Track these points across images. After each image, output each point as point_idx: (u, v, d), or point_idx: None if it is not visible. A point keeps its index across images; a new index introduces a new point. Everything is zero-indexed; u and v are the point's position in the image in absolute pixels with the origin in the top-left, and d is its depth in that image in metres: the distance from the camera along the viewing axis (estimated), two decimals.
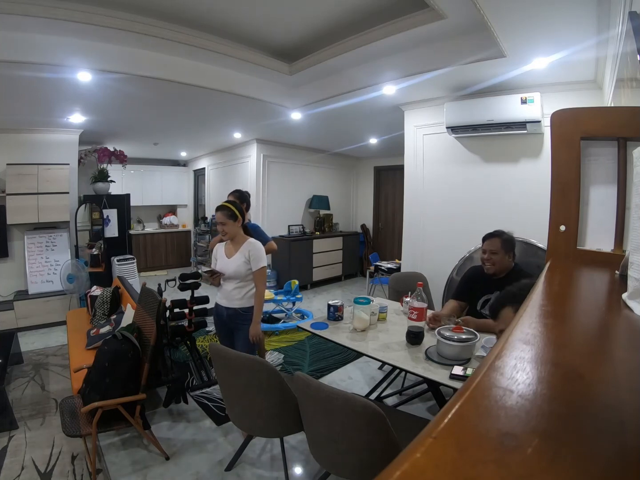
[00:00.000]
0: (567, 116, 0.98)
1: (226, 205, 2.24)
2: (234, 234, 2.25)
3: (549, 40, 2.08)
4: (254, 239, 2.28)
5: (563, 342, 0.48)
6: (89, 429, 1.84)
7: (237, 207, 2.26)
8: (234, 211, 2.22)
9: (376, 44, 2.46)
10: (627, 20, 1.12)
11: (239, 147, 6.02)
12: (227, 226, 2.21)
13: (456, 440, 0.26)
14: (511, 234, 2.26)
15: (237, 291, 2.24)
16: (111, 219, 4.74)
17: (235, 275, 2.22)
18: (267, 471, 2.01)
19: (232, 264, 2.23)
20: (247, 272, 2.21)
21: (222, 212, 2.21)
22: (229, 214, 2.21)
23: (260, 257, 2.21)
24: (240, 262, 2.21)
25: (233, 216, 2.22)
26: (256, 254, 2.20)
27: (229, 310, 2.26)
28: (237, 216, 2.23)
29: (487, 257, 2.21)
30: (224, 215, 2.20)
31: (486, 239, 2.25)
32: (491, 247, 2.19)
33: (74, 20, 2.14)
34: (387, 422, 1.26)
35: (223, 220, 2.20)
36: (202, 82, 2.93)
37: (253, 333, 2.20)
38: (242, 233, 2.30)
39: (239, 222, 2.25)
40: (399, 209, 5.85)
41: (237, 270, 2.21)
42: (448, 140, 3.30)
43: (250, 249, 2.21)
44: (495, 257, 2.17)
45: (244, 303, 2.24)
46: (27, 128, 4.20)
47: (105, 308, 3.18)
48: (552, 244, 1.02)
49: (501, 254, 2.17)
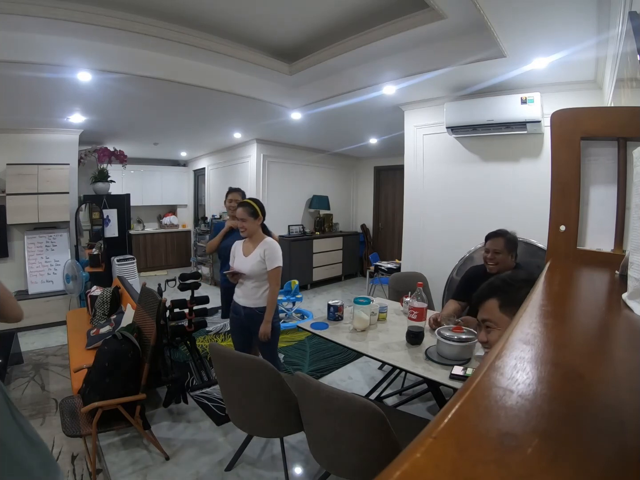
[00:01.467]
0: (567, 116, 0.98)
1: (249, 202, 2.27)
2: (252, 232, 2.27)
3: (549, 40, 2.08)
4: (271, 239, 2.30)
5: (563, 342, 0.48)
6: (89, 429, 1.84)
7: (260, 205, 2.29)
8: (256, 209, 2.25)
9: (376, 44, 2.46)
10: (627, 20, 1.12)
11: (239, 147, 6.02)
12: (247, 223, 2.22)
13: (456, 440, 0.26)
14: (514, 234, 2.25)
15: (254, 290, 2.26)
16: (111, 219, 4.74)
17: (250, 274, 2.24)
18: (267, 471, 2.01)
19: (248, 262, 2.25)
20: (261, 271, 2.23)
21: (244, 209, 2.23)
22: (250, 211, 2.23)
23: (275, 257, 2.22)
24: (255, 260, 2.22)
25: (254, 214, 2.24)
26: (272, 253, 2.22)
27: (246, 310, 2.28)
28: (258, 214, 2.26)
29: (490, 256, 2.19)
30: (246, 212, 2.22)
31: (489, 238, 2.23)
32: (495, 246, 2.17)
33: (74, 20, 2.14)
34: (387, 422, 1.26)
35: (244, 216, 2.22)
36: (202, 82, 2.93)
37: (262, 332, 2.21)
38: (260, 232, 2.31)
39: (259, 220, 2.27)
40: (399, 209, 5.85)
41: (252, 269, 2.22)
42: (448, 140, 3.30)
43: (266, 249, 2.22)
44: (499, 257, 2.16)
45: (260, 302, 2.26)
46: (27, 128, 4.20)
47: (105, 308, 3.18)
48: (552, 244, 1.02)
49: (504, 253, 2.15)
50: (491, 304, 1.03)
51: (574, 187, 0.97)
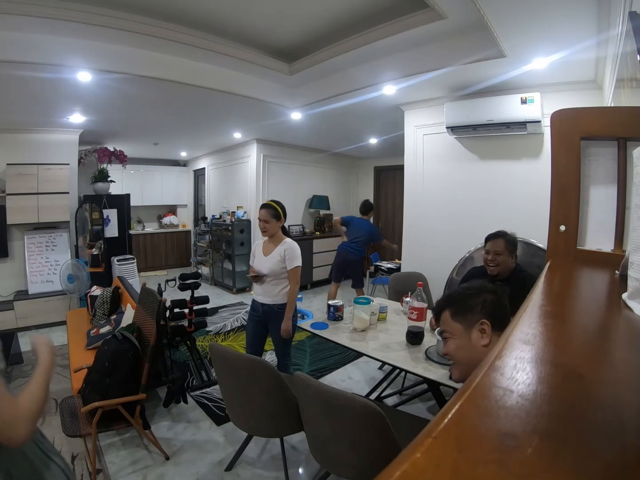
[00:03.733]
0: (567, 116, 0.98)
1: (272, 204, 2.36)
2: (273, 232, 2.35)
3: (549, 40, 2.08)
4: (290, 240, 2.37)
5: (563, 342, 0.48)
6: (89, 429, 1.84)
7: (282, 207, 2.38)
8: (279, 211, 2.34)
9: (376, 44, 2.46)
10: (627, 20, 1.12)
11: (239, 147, 6.02)
12: (269, 224, 2.31)
13: (456, 440, 0.26)
14: (514, 235, 2.24)
15: (272, 288, 2.34)
16: (111, 219, 4.74)
17: (270, 273, 2.32)
18: (267, 471, 2.01)
19: (268, 262, 2.33)
20: (280, 270, 2.31)
21: (267, 210, 2.32)
22: (273, 213, 2.32)
23: (295, 256, 2.31)
24: (275, 260, 2.30)
25: (277, 216, 2.33)
26: (291, 253, 2.30)
27: (264, 307, 2.36)
28: (281, 216, 2.36)
29: (491, 258, 2.17)
30: (269, 214, 2.31)
31: (489, 240, 2.22)
32: (495, 247, 2.16)
33: (74, 20, 2.14)
34: (387, 422, 1.26)
35: (267, 218, 2.31)
36: (202, 82, 2.93)
37: (284, 328, 2.30)
38: (280, 233, 2.40)
39: (281, 222, 2.37)
40: (399, 209, 5.84)
41: (272, 268, 2.31)
42: (448, 140, 3.30)
43: (286, 249, 2.30)
44: (500, 258, 2.14)
45: (278, 300, 2.34)
46: (27, 128, 4.20)
47: (105, 308, 3.18)
48: (552, 244, 1.02)
49: (505, 254, 2.14)
50: (445, 315, 1.08)
51: (574, 187, 0.97)
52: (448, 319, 1.06)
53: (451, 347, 1.04)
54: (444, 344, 1.07)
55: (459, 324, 1.03)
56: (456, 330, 1.03)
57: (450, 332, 1.05)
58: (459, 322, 1.03)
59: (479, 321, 1.00)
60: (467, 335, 1.01)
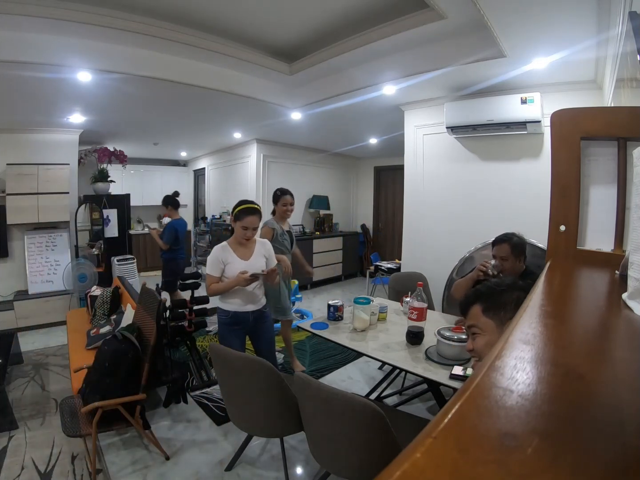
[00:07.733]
0: (567, 116, 0.98)
1: (258, 207, 2.14)
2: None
3: (549, 40, 2.08)
4: (261, 238, 2.31)
5: (563, 342, 0.48)
6: (89, 429, 1.84)
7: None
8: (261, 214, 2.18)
9: (376, 44, 2.46)
10: (627, 20, 1.12)
11: (239, 147, 6.03)
12: (256, 230, 2.14)
13: (456, 440, 0.26)
14: (521, 236, 2.17)
15: (259, 291, 2.24)
16: (111, 219, 4.74)
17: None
18: (267, 471, 2.01)
19: (255, 264, 2.14)
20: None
21: (258, 217, 2.11)
22: (260, 218, 2.14)
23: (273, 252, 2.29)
24: (262, 262, 2.19)
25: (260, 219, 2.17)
26: (271, 249, 2.27)
27: (254, 313, 2.21)
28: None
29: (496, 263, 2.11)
30: (259, 220, 2.12)
31: (495, 244, 2.15)
32: (501, 253, 2.09)
33: (74, 20, 2.13)
34: (387, 422, 1.26)
35: (257, 224, 2.11)
36: (202, 82, 2.93)
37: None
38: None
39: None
40: (399, 209, 5.85)
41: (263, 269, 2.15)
42: (448, 140, 3.30)
43: (267, 248, 2.25)
44: (506, 264, 2.07)
45: (264, 301, 2.30)
46: (27, 128, 4.20)
47: (105, 308, 3.18)
48: (552, 244, 1.02)
49: (511, 259, 2.07)
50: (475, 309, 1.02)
51: (574, 187, 0.97)
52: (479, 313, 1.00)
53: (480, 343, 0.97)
54: (472, 340, 1.01)
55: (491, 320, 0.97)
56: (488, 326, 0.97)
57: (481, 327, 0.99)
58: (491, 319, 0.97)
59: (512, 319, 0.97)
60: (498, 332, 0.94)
